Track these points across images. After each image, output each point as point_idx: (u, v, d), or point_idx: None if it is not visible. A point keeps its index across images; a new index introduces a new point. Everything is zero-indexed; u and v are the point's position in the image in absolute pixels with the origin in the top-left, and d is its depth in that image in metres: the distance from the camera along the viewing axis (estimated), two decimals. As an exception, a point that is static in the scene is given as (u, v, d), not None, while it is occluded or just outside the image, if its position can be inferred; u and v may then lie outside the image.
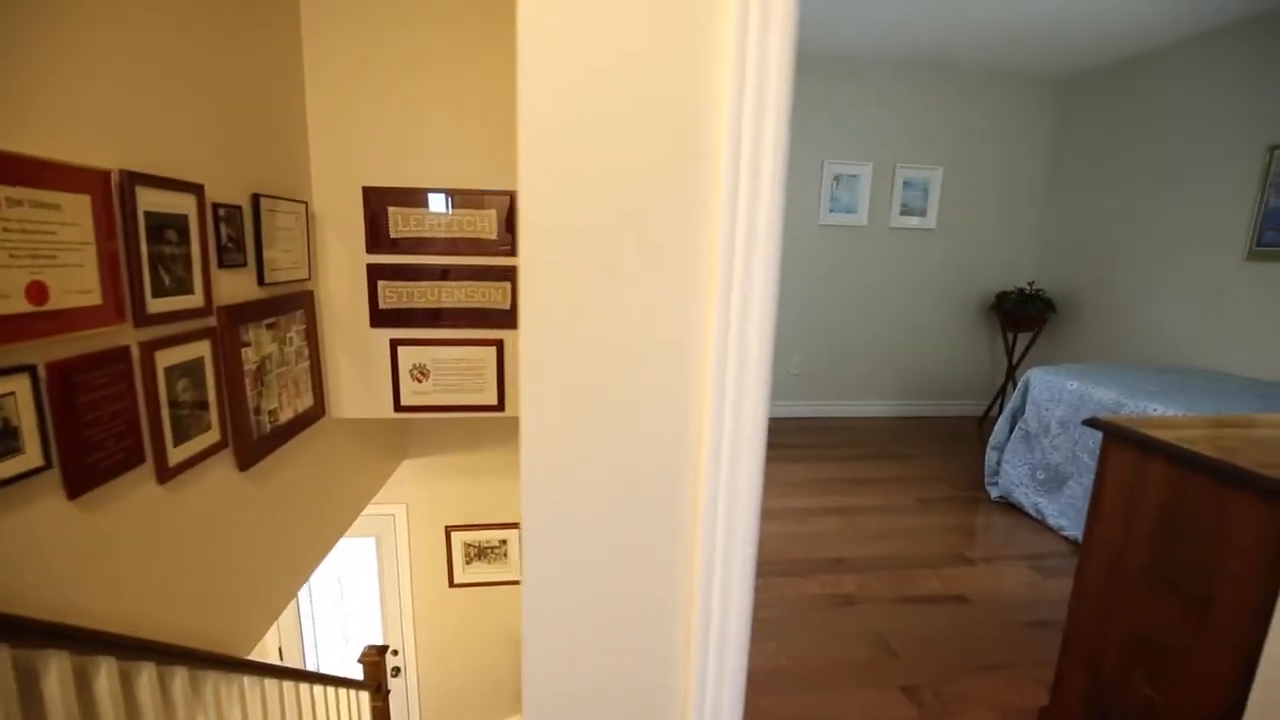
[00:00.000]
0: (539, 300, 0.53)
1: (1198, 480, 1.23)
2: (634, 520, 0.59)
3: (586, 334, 0.54)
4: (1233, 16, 3.26)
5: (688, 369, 0.55)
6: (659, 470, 0.58)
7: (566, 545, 0.58)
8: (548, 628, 0.60)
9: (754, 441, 0.56)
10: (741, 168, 0.50)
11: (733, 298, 0.52)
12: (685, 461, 0.58)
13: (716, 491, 0.57)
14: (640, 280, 0.53)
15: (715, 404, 0.55)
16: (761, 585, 2.34)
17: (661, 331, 0.54)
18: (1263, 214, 3.18)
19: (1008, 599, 2.31)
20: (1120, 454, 1.42)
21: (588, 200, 0.52)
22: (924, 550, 2.66)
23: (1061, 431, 2.99)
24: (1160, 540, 1.32)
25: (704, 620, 0.60)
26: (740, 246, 0.51)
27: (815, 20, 3.59)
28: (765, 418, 0.57)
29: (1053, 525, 2.93)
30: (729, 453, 0.56)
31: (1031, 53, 3.94)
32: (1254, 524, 1.13)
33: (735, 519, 0.58)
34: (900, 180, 4.50)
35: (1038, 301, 4.35)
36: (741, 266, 0.51)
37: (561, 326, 0.54)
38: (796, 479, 3.43)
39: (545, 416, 0.55)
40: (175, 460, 1.34)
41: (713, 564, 0.59)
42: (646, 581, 0.60)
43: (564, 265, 0.52)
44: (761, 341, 0.53)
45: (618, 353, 0.54)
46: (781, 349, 4.62)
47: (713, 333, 0.53)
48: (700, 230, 0.52)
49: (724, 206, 0.51)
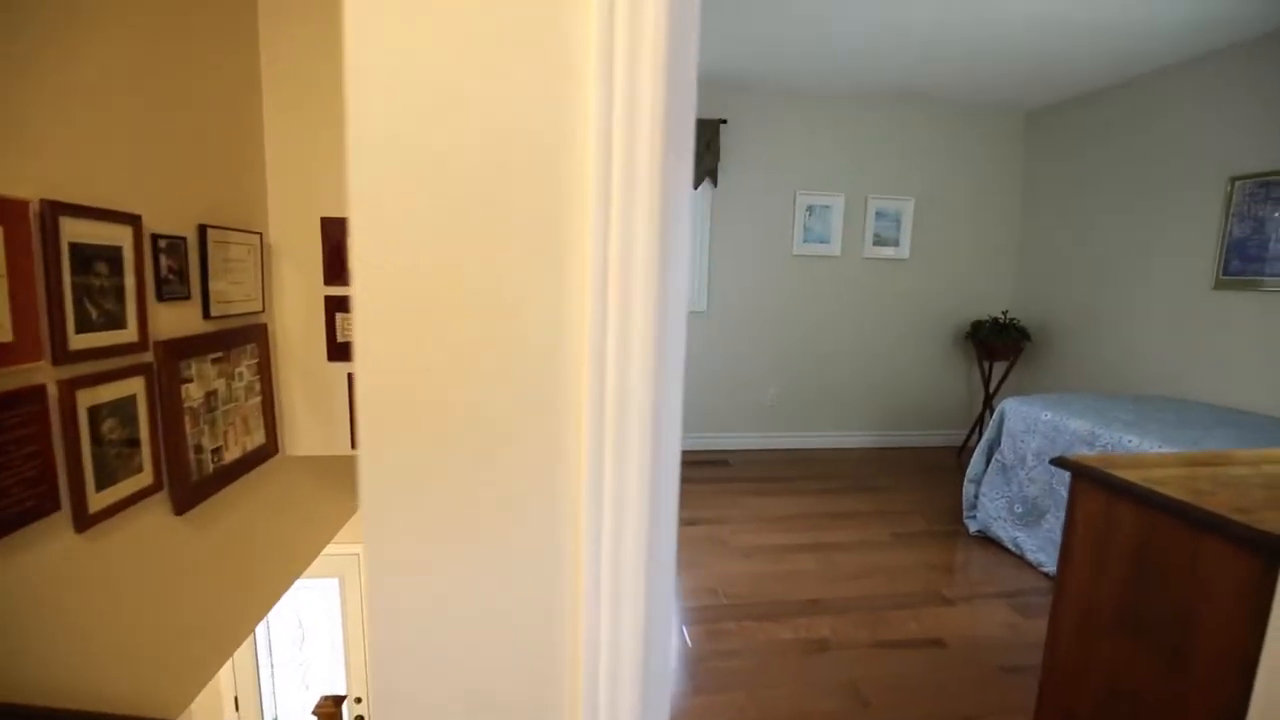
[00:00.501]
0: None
1: (1169, 525, 1.19)
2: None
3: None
4: (1194, 52, 3.35)
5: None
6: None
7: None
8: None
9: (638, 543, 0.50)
10: (612, 217, 0.45)
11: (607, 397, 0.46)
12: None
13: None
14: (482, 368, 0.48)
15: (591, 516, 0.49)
16: (735, 630, 2.26)
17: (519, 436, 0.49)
18: (1227, 244, 3.22)
19: (985, 641, 2.24)
20: (1090, 495, 1.38)
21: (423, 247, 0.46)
22: (901, 589, 2.60)
23: (1037, 463, 2.97)
24: (1134, 587, 1.27)
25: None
26: (614, 326, 0.45)
27: (783, 52, 3.63)
28: (653, 496, 0.51)
29: (1032, 561, 2.88)
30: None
31: (1000, 84, 4.02)
32: (1229, 573, 1.08)
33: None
34: (873, 210, 4.54)
35: (1012, 330, 4.37)
36: (617, 339, 0.46)
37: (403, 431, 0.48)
38: (771, 514, 3.36)
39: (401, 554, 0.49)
40: (97, 506, 1.25)
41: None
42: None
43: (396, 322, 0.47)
44: (642, 434, 0.48)
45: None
46: (757, 380, 4.59)
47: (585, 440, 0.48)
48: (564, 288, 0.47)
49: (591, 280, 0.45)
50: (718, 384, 4.53)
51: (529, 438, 0.50)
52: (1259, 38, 3.08)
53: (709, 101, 4.19)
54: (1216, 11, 2.87)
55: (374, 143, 0.46)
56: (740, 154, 4.30)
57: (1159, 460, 1.47)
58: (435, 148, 0.46)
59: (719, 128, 4.17)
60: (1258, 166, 3.08)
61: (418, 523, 0.51)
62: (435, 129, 0.46)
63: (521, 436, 0.50)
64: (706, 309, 4.44)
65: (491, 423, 0.49)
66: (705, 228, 4.36)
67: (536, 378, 0.49)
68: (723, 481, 3.87)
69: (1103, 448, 2.67)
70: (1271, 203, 3.03)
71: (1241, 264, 3.16)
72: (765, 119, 4.30)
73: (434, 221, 0.47)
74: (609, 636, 0.51)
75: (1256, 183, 3.09)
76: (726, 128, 4.23)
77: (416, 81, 0.45)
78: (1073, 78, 3.82)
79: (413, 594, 0.52)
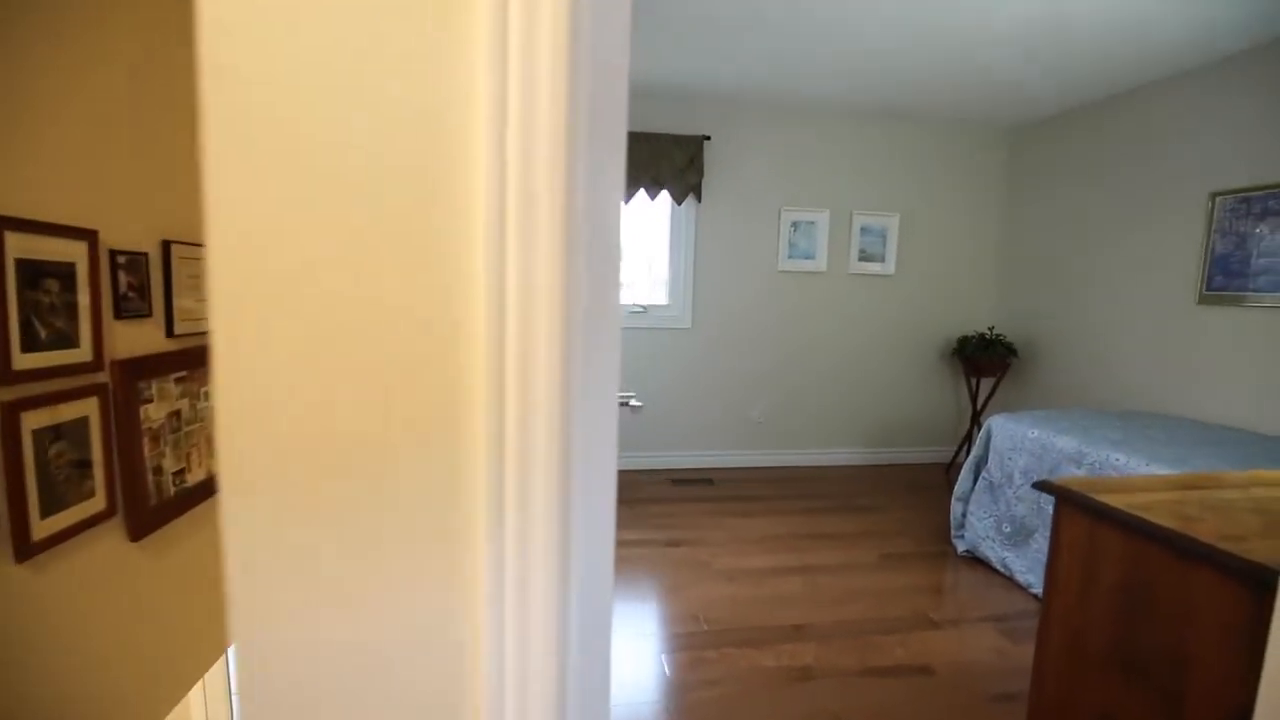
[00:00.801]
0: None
1: (1157, 554, 1.16)
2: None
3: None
4: (1174, 69, 3.39)
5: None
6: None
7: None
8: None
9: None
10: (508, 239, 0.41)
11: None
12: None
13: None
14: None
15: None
16: (715, 658, 2.20)
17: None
18: (1210, 259, 3.23)
19: (974, 668, 2.19)
20: (1074, 521, 1.34)
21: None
22: (888, 613, 2.54)
23: (1025, 482, 2.94)
24: (1122, 620, 1.23)
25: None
26: (514, 336, 0.41)
27: (765, 69, 3.64)
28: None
29: (1021, 582, 2.84)
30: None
31: (983, 102, 4.05)
32: (1221, 606, 1.04)
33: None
34: (858, 226, 4.54)
35: (999, 346, 4.37)
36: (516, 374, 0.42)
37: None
38: (756, 535, 3.31)
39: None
40: (42, 534, 1.19)
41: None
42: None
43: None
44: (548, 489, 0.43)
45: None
46: (743, 397, 4.55)
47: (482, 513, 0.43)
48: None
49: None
50: (703, 401, 4.49)
51: (420, 467, 0.45)
52: (1237, 54, 3.11)
53: (691, 118, 4.19)
54: (1196, 30, 2.89)
55: (232, 134, 0.42)
56: (724, 170, 4.30)
57: (1145, 484, 1.44)
58: (302, 136, 0.42)
59: (702, 144, 4.16)
60: (1238, 182, 3.10)
61: (289, 566, 0.46)
62: (303, 119, 0.42)
63: (411, 465, 0.45)
64: (692, 325, 4.42)
65: (374, 450, 0.45)
66: (690, 244, 4.34)
67: (425, 395, 0.45)
68: (707, 501, 3.82)
69: (1090, 465, 2.64)
70: (1252, 218, 3.05)
71: (1224, 280, 3.17)
72: (749, 135, 4.31)
73: (301, 223, 0.43)
74: (515, 683, 0.46)
75: (1237, 198, 3.11)
76: (710, 144, 4.23)
77: (280, 68, 0.42)
78: (1055, 95, 3.86)
79: (286, 645, 0.47)
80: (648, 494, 3.90)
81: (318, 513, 0.46)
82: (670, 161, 4.10)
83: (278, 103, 0.42)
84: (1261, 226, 3.01)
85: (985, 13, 2.77)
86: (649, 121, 4.14)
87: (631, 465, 4.41)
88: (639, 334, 4.35)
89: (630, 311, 4.33)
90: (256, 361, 0.44)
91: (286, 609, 0.47)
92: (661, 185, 4.12)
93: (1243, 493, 1.40)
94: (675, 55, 3.42)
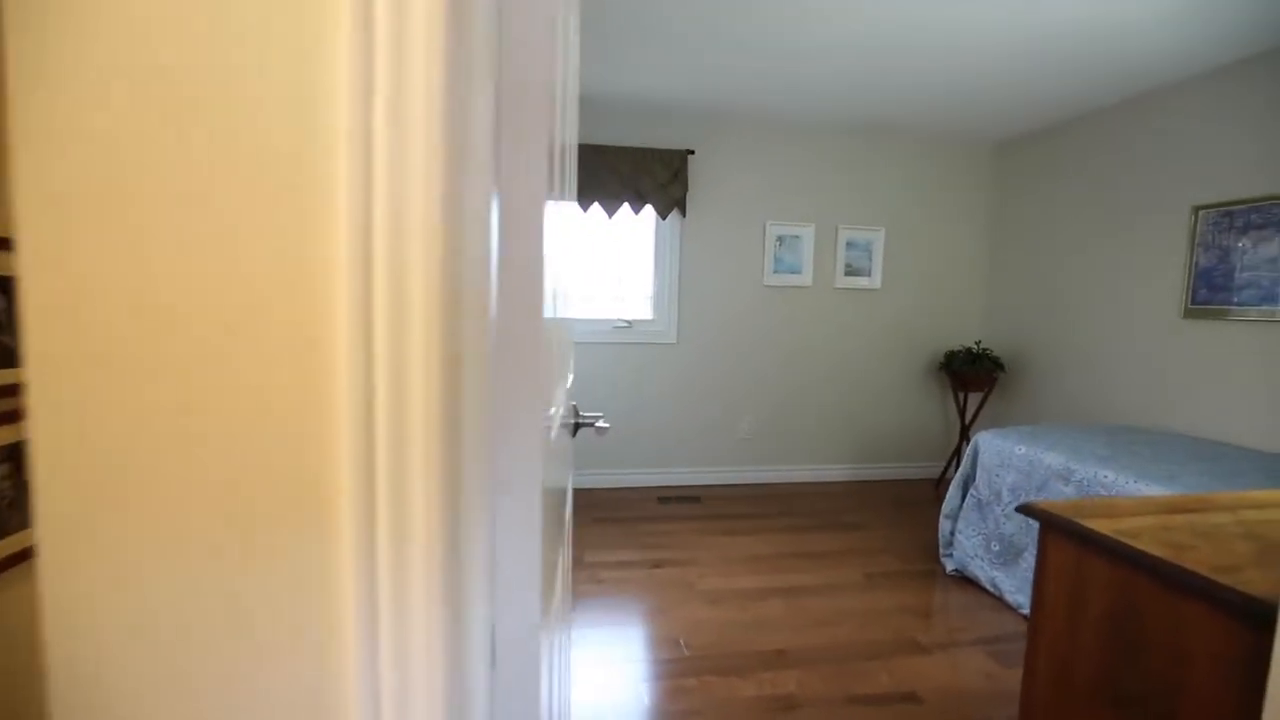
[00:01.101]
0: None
1: (1146, 584, 1.10)
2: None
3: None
4: (1156, 84, 3.40)
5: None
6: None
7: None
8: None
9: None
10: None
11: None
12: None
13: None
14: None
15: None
16: (696, 686, 2.12)
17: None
18: (1194, 273, 3.22)
19: (962, 694, 2.12)
20: (1060, 547, 1.28)
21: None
22: (874, 636, 2.47)
23: (1013, 499, 2.88)
24: (1111, 652, 1.17)
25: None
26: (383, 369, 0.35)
27: (750, 84, 3.62)
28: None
29: (1010, 603, 2.78)
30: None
31: (968, 116, 4.04)
32: (1214, 642, 0.99)
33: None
34: (843, 241, 4.52)
35: (986, 360, 4.33)
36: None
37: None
38: (741, 554, 3.23)
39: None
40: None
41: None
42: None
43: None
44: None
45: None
46: (730, 413, 4.49)
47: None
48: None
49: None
50: (689, 417, 4.43)
51: (278, 523, 0.39)
52: (1218, 69, 3.12)
53: (676, 132, 4.17)
54: (1177, 45, 2.90)
55: (49, 125, 0.36)
56: (709, 184, 4.27)
57: (1132, 506, 1.38)
58: (124, 130, 0.36)
59: (686, 158, 4.13)
60: (1219, 196, 3.10)
61: (123, 641, 0.39)
62: (136, 111, 0.36)
63: (268, 522, 0.39)
64: (677, 340, 4.36)
65: (223, 505, 0.38)
66: (675, 258, 4.30)
67: (278, 443, 0.38)
68: (693, 520, 3.74)
69: (1078, 483, 2.59)
70: (1235, 232, 3.03)
71: (1209, 293, 3.15)
72: (733, 149, 4.29)
73: (130, 227, 0.36)
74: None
75: (1219, 212, 3.09)
76: (694, 158, 4.20)
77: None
78: (1038, 110, 3.86)
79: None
80: (635, 512, 3.82)
81: (154, 584, 0.39)
82: (653, 176, 4.07)
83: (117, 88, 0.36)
84: (1244, 240, 2.99)
85: (968, 30, 2.76)
86: (631, 136, 4.11)
87: (618, 483, 4.33)
88: (624, 349, 4.29)
89: (615, 326, 4.27)
90: (76, 396, 0.37)
91: (116, 689, 0.40)
92: (645, 199, 4.08)
93: (1232, 515, 1.34)
94: (657, 71, 3.39)
